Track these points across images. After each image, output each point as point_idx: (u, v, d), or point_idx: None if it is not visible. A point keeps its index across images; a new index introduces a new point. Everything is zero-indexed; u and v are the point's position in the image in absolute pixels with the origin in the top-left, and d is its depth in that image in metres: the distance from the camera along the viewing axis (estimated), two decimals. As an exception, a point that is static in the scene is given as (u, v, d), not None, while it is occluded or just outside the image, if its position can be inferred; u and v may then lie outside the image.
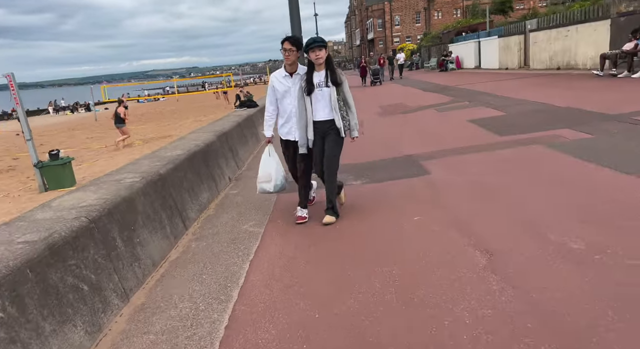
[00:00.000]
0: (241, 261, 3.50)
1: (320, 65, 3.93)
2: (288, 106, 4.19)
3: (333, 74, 3.94)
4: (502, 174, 4.86)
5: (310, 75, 3.97)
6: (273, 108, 4.26)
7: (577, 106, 8.33)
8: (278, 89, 4.15)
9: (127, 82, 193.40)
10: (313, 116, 4.01)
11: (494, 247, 3.16)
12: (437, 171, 5.38)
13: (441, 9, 73.07)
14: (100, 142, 16.95)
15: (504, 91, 12.73)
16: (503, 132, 7.00)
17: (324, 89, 3.96)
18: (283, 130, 4.30)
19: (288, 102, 4.18)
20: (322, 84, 3.97)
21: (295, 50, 4.00)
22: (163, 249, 3.76)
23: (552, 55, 18.08)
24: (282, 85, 4.15)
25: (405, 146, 7.18)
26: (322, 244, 3.66)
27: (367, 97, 17.99)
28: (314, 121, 4.02)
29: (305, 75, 4.00)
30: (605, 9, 14.95)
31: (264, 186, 4.35)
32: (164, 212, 4.00)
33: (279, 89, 4.15)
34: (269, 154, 4.34)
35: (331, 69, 3.95)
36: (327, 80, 3.94)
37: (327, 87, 3.95)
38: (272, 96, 4.22)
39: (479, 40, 27.12)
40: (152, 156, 5.02)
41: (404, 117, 10.55)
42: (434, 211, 4.07)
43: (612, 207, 3.55)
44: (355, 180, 5.56)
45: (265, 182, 4.33)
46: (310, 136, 4.04)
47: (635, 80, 10.97)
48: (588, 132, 6.14)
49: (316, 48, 3.85)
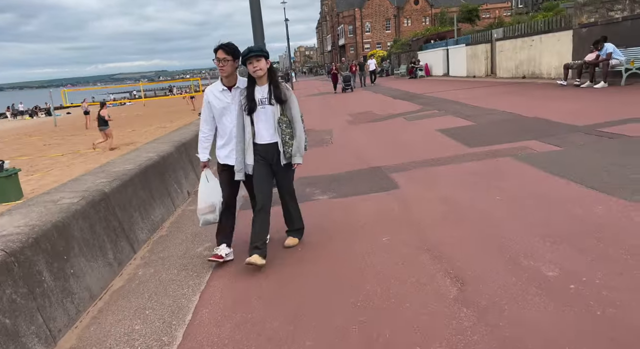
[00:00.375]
0: (191, 292, 3.16)
1: (261, 78, 3.35)
2: (228, 124, 3.59)
3: (276, 89, 3.36)
4: (472, 189, 4.69)
5: (252, 91, 3.38)
6: (209, 127, 3.63)
7: (544, 116, 8.35)
8: (215, 106, 3.54)
9: (93, 86, 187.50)
10: (255, 138, 3.45)
11: (465, 273, 2.94)
12: (407, 185, 5.18)
13: (410, 16, 74.36)
14: (58, 150, 16.11)
15: (472, 99, 12.79)
16: (472, 143, 6.89)
17: (267, 106, 3.39)
18: (222, 152, 3.68)
19: (228, 120, 3.58)
20: (264, 100, 3.38)
21: (232, 59, 3.40)
22: (104, 278, 3.38)
23: (518, 64, 18.43)
24: (220, 101, 3.54)
25: (374, 156, 6.98)
26: (280, 272, 3.36)
27: (338, 104, 17.84)
28: (257, 144, 3.45)
29: (246, 90, 3.41)
30: (567, 20, 15.32)
31: (207, 218, 3.70)
32: (106, 236, 3.61)
33: (215, 106, 3.54)
34: (207, 180, 3.70)
35: (274, 83, 3.37)
36: (270, 96, 3.36)
37: (271, 104, 3.38)
38: (208, 113, 3.59)
39: (447, 48, 27.52)
40: (98, 171, 4.60)
41: (373, 126, 10.39)
42: (403, 230, 3.84)
43: (581, 228, 3.41)
44: (322, 194, 5.29)
45: (209, 213, 3.70)
46: (250, 161, 3.47)
47: (597, 90, 11.19)
48: (556, 145, 6.08)
49: (253, 58, 3.26)
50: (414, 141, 7.87)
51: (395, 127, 9.76)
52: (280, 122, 3.40)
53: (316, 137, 9.59)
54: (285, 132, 3.42)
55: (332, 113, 14.42)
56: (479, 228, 3.67)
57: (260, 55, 3.28)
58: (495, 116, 9.33)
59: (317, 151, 8.07)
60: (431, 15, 71.26)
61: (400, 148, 7.38)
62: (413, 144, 7.60)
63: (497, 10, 64.06)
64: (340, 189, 5.39)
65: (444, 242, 3.49)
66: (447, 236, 3.60)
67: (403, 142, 7.90)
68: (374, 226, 4.02)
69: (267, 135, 3.44)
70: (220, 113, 3.56)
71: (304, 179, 6.08)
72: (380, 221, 4.13)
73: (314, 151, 8.09)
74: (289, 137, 3.44)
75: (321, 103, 19.37)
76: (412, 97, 15.99)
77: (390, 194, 4.95)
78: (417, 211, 4.27)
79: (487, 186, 4.74)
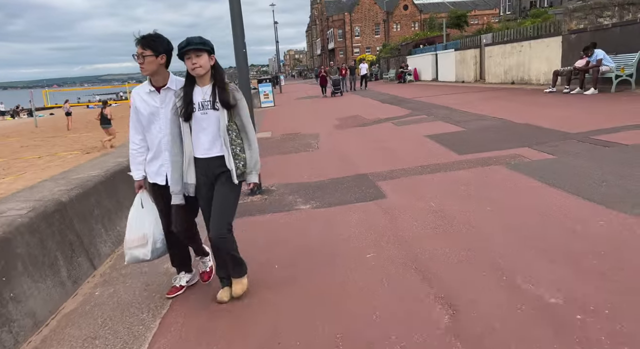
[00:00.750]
0: (151, 318, 2.80)
1: (203, 78, 2.71)
2: (157, 134, 2.89)
3: (222, 91, 2.71)
4: (463, 200, 4.41)
5: (190, 92, 2.71)
6: (141, 137, 2.94)
7: (535, 122, 8.14)
8: (142, 111, 2.86)
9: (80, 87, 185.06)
10: (194, 151, 2.75)
11: (458, 297, 2.63)
12: (394, 195, 4.88)
13: (400, 21, 74.68)
14: (35, 151, 15.55)
15: (461, 104, 12.59)
16: (462, 150, 6.63)
17: (210, 112, 2.71)
18: (151, 167, 2.96)
19: (157, 129, 2.89)
20: (206, 104, 2.70)
21: (153, 55, 2.73)
22: (54, 300, 3.01)
23: (507, 69, 18.34)
24: (147, 106, 2.85)
25: (361, 163, 6.67)
26: (253, 295, 3.02)
27: (326, 108, 17.55)
28: (195, 158, 2.76)
29: (182, 91, 2.73)
30: (557, 26, 15.25)
31: (136, 253, 2.91)
32: (60, 252, 3.23)
33: (142, 111, 2.86)
34: (142, 205, 2.95)
35: (220, 84, 2.73)
36: (213, 99, 2.70)
37: (215, 109, 2.71)
38: (136, 120, 2.92)
39: (436, 53, 27.44)
40: (59, 178, 4.22)
41: (361, 131, 10.11)
42: (390, 246, 3.52)
43: (582, 245, 3.13)
44: (304, 203, 4.96)
45: (139, 247, 2.90)
46: (190, 180, 2.76)
47: (588, 97, 11.06)
48: (549, 153, 5.84)
49: (192, 53, 2.61)
50: (402, 147, 7.59)
51: (383, 133, 9.48)
52: (229, 131, 2.72)
53: (302, 142, 9.28)
54: (235, 142, 2.74)
55: (319, 117, 14.11)
56: (470, 243, 3.37)
57: (201, 50, 2.63)
58: (485, 121, 9.11)
59: (302, 156, 7.75)
60: (420, 20, 71.59)
61: (388, 154, 7.09)
62: (401, 150, 7.32)
63: (485, 17, 64.63)
64: (324, 198, 5.07)
65: (434, 259, 3.19)
66: (437, 252, 3.29)
67: (391, 148, 7.61)
68: (358, 240, 3.70)
69: (210, 147, 2.74)
70: (148, 120, 2.87)
71: (286, 186, 5.75)
72: (365, 234, 3.81)
73: (299, 156, 7.78)
74: (239, 149, 2.76)
75: (309, 107, 19.07)
76: (401, 102, 15.78)
77: (376, 204, 4.64)
78: (404, 224, 3.96)
79: (478, 197, 4.46)
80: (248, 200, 5.30)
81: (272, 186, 5.87)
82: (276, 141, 9.91)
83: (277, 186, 5.84)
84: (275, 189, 5.68)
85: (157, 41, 2.76)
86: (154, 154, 2.94)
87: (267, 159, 7.75)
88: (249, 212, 4.84)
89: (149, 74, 2.81)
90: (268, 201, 5.23)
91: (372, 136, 9.23)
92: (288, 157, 7.86)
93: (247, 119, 2.82)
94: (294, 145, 9.03)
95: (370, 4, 75.28)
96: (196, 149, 2.76)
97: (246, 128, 2.80)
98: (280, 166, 7.07)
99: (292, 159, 7.66)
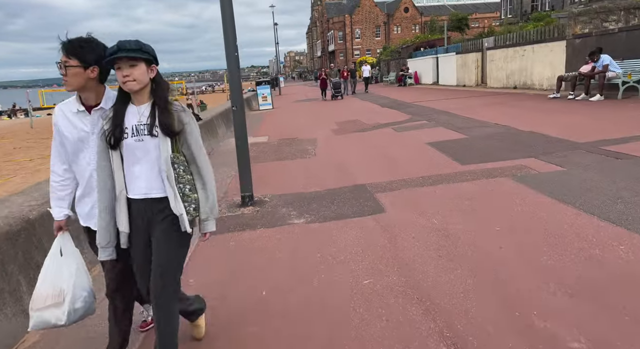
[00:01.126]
0: (119, 356, 2.49)
1: (139, 94, 2.06)
2: (86, 166, 2.22)
3: (164, 111, 2.04)
4: (467, 217, 4.10)
5: (122, 112, 2.07)
6: (65, 167, 2.25)
7: (541, 130, 7.85)
8: (66, 135, 2.19)
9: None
10: (127, 190, 2.10)
11: (465, 338, 2.33)
12: (394, 209, 4.57)
13: (400, 24, 74.56)
14: (27, 153, 15.23)
15: (463, 110, 12.30)
16: (465, 160, 6.32)
17: (147, 139, 2.04)
18: (82, 208, 2.31)
19: (86, 160, 2.21)
20: (142, 129, 2.04)
21: (80, 66, 2.07)
22: (13, 332, 2.69)
23: (509, 74, 18.07)
24: (73, 129, 2.18)
25: (358, 172, 6.37)
26: (238, 323, 2.71)
27: (325, 112, 17.26)
28: (129, 199, 2.11)
29: (112, 110, 2.09)
30: (561, 30, 14.98)
31: (47, 316, 2.19)
32: (23, 276, 2.92)
33: (67, 135, 2.18)
34: (60, 253, 2.27)
35: (161, 103, 2.06)
36: (152, 122, 2.04)
37: (153, 136, 2.04)
38: (59, 144, 2.23)
39: (437, 56, 27.17)
40: (33, 190, 3.90)
41: (360, 137, 9.80)
42: (389, 270, 3.22)
43: (604, 275, 2.83)
44: (298, 217, 4.65)
45: (52, 308, 2.19)
46: (123, 228, 2.11)
47: (594, 103, 10.77)
48: (558, 164, 5.54)
49: (123, 62, 1.98)
50: (402, 155, 7.29)
51: (382, 139, 9.18)
52: (175, 164, 2.04)
53: (299, 147, 8.98)
54: (184, 179, 2.07)
55: (317, 121, 13.81)
56: (477, 269, 3.07)
57: (137, 58, 1.99)
58: (488, 128, 8.82)
59: (298, 163, 7.45)
60: (421, 23, 71.45)
61: (388, 163, 6.78)
62: (401, 158, 7.01)
63: (485, 20, 64.47)
64: (320, 211, 4.76)
65: (437, 287, 2.88)
66: (440, 279, 2.99)
67: (391, 156, 7.31)
68: (354, 262, 3.40)
69: (148, 185, 2.07)
70: (75, 147, 2.19)
71: (279, 197, 5.44)
72: (363, 255, 3.51)
73: (295, 163, 7.48)
74: (189, 187, 2.09)
75: (308, 110, 18.78)
76: (401, 106, 15.49)
77: (375, 219, 4.34)
78: (404, 243, 3.66)
79: (484, 213, 4.16)
80: (239, 212, 5.00)
81: (265, 196, 5.56)
82: (272, 146, 9.61)
83: (271, 196, 5.54)
84: (268, 200, 5.38)
85: (86, 48, 2.08)
86: (83, 190, 2.25)
87: (262, 165, 7.45)
88: (239, 226, 4.53)
89: (76, 90, 2.15)
90: (260, 213, 4.92)
91: (372, 142, 8.93)
92: (284, 164, 7.56)
93: (197, 148, 2.14)
94: (290, 151, 8.73)
95: (371, 6, 75.17)
96: (130, 188, 2.08)
97: (197, 160, 2.14)
98: (275, 174, 6.77)
99: (288, 166, 7.36)
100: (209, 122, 10.39)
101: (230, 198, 5.59)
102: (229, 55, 4.93)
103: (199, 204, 2.13)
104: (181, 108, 2.12)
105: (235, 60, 4.95)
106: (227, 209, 5.14)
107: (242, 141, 5.23)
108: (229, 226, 4.57)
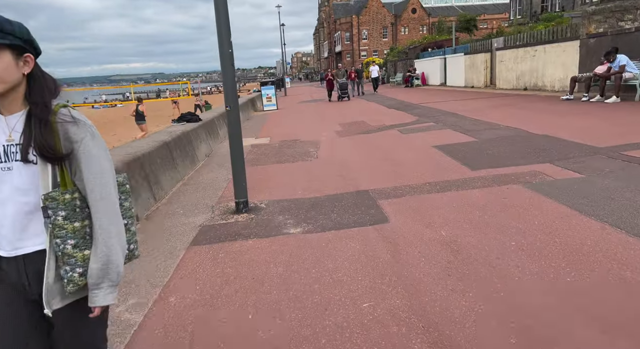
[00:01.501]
0: None
1: (5, 98, 1.35)
2: None
3: (42, 125, 1.33)
4: (479, 230, 3.73)
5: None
6: None
7: (555, 133, 7.44)
8: None
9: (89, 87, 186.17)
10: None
11: (479, 381, 1.97)
12: (398, 218, 4.22)
13: (408, 24, 74.09)
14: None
15: (472, 111, 11.90)
16: (475, 165, 5.95)
17: (16, 166, 1.35)
18: None
19: None
20: (12, 152, 1.35)
21: None
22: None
23: (519, 75, 17.60)
24: None
25: (362, 176, 6.02)
26: (216, 355, 2.37)
27: (330, 113, 16.91)
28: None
29: None
30: (574, 30, 14.51)
31: None
32: None
33: None
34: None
35: (38, 111, 1.35)
36: (26, 142, 1.34)
37: (26, 162, 1.35)
38: None
39: (444, 57, 26.71)
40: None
41: (364, 139, 9.44)
42: (391, 291, 2.86)
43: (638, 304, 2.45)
44: (295, 226, 4.31)
45: None
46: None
47: (610, 106, 10.32)
48: (576, 170, 5.15)
49: None
50: (408, 158, 6.92)
51: (388, 141, 8.81)
52: (49, 208, 1.34)
53: (301, 149, 8.64)
54: (64, 230, 1.37)
55: (322, 122, 13.46)
56: (492, 293, 2.70)
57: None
58: (499, 131, 8.42)
59: (299, 166, 7.11)
60: (429, 24, 70.88)
61: (393, 167, 6.42)
62: (407, 162, 6.65)
63: (494, 21, 63.76)
64: (318, 220, 4.42)
65: (446, 314, 2.53)
66: (450, 304, 2.63)
67: (396, 159, 6.95)
68: (354, 282, 3.04)
69: (21, 234, 1.39)
70: None
71: (277, 203, 5.10)
72: (363, 273, 3.15)
73: (296, 166, 7.14)
74: (75, 242, 1.39)
75: (312, 111, 18.43)
76: (408, 108, 15.10)
77: (377, 230, 3.98)
78: (409, 259, 3.30)
79: (497, 225, 3.79)
80: (232, 219, 4.67)
81: (261, 202, 5.23)
82: (274, 147, 9.28)
83: (267, 202, 5.20)
84: (264, 207, 5.04)
85: None
86: None
87: (262, 168, 7.13)
88: (230, 236, 4.20)
89: None
90: (254, 221, 4.59)
91: (376, 144, 8.57)
92: (284, 166, 7.22)
93: (97, 179, 1.38)
94: (291, 153, 8.39)
95: (379, 7, 74.72)
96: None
97: (94, 195, 1.38)
98: (275, 177, 6.44)
99: (288, 169, 7.02)
100: (209, 123, 10.09)
101: (224, 204, 5.26)
102: (222, 53, 4.60)
103: (86, 267, 1.39)
104: (70, 118, 1.37)
105: (229, 57, 4.61)
106: (220, 216, 4.81)
107: (237, 144, 4.90)
108: (220, 235, 4.24)
